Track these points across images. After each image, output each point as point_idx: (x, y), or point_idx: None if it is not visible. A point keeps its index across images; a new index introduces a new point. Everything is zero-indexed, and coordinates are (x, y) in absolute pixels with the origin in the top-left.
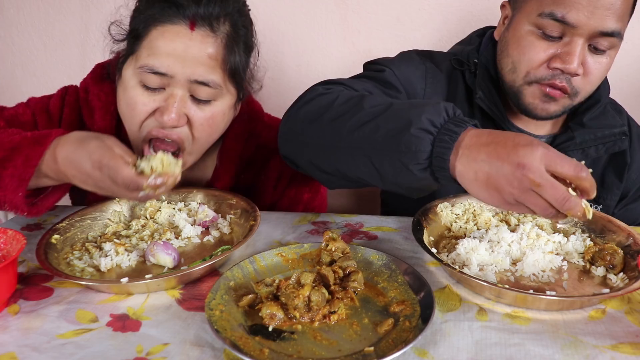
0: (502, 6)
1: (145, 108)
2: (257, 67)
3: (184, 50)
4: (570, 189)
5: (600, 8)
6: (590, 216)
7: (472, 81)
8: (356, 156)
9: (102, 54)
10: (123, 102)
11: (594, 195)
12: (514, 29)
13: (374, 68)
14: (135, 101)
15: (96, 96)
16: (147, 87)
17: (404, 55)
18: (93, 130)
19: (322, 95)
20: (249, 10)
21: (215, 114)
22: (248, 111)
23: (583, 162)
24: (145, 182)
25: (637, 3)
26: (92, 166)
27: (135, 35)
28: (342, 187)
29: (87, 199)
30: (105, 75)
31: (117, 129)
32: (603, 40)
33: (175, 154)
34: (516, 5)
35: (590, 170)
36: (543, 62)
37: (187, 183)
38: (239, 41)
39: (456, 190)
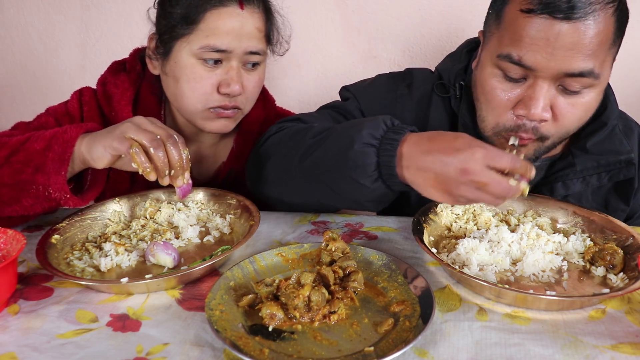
0: (479, 35)
1: (209, 81)
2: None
3: (240, 27)
4: (511, 179)
5: (561, 48)
6: (526, 194)
7: (457, 106)
8: (311, 183)
9: (102, 53)
10: (184, 80)
11: (532, 174)
12: (480, 68)
13: (342, 95)
14: (199, 76)
15: (113, 85)
16: (207, 64)
17: (376, 81)
18: (111, 117)
19: (275, 135)
20: None
21: (261, 77)
22: (263, 99)
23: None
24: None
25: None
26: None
27: (188, 20)
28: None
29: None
30: (122, 69)
31: (134, 114)
32: (572, 81)
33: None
34: (484, 39)
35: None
36: (508, 107)
37: (205, 163)
38: (271, 11)
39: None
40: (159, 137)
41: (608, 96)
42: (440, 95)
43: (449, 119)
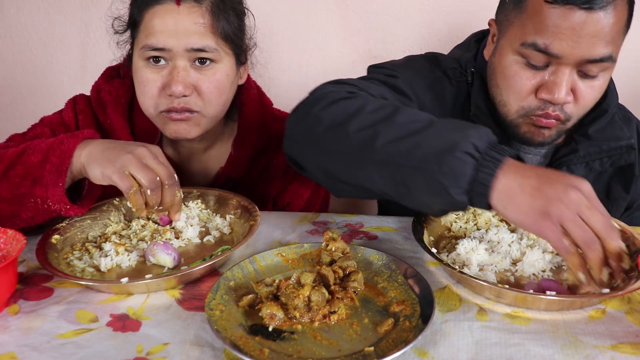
0: (490, 24)
1: (155, 84)
2: (254, 33)
3: (174, 24)
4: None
5: (585, 36)
6: (605, 279)
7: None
8: (385, 171)
9: (102, 53)
10: (136, 85)
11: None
12: (500, 56)
13: (384, 72)
14: (145, 79)
15: (107, 92)
16: (151, 65)
17: (413, 62)
18: (106, 125)
19: (347, 100)
20: None
21: (219, 77)
22: (260, 103)
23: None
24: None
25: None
26: (125, 148)
27: (133, 23)
28: (352, 197)
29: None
30: (116, 75)
31: (130, 122)
32: (592, 67)
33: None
34: (501, 28)
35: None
36: (530, 92)
37: (202, 169)
38: (227, 7)
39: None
40: (158, 178)
41: (608, 85)
42: (457, 80)
43: (465, 105)
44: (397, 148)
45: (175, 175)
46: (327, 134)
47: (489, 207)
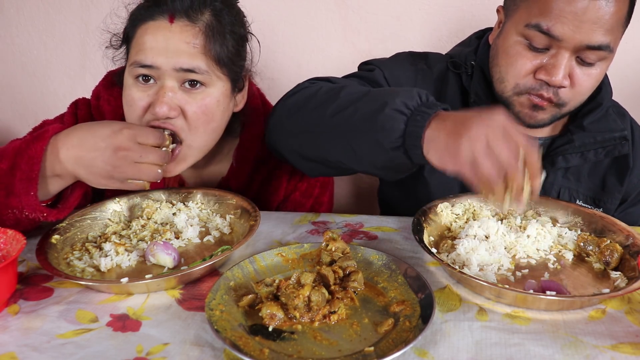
0: (498, 11)
1: (141, 103)
2: (254, 58)
3: (165, 41)
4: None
5: (587, 22)
6: (525, 198)
7: (468, 83)
8: (335, 139)
9: (102, 53)
10: (124, 104)
11: (538, 179)
12: (504, 38)
13: (366, 68)
14: (132, 98)
15: (106, 101)
16: (140, 83)
17: (397, 57)
18: None
19: (307, 88)
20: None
21: (209, 103)
22: (264, 113)
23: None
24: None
25: (638, 4)
26: (109, 136)
27: (126, 39)
28: (323, 175)
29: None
30: (116, 81)
31: None
32: (590, 54)
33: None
34: (508, 13)
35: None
36: (529, 72)
37: (202, 180)
38: (223, 30)
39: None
40: (159, 170)
41: (603, 80)
42: (454, 71)
43: (461, 96)
44: (342, 116)
45: (164, 137)
46: (291, 117)
47: (424, 158)
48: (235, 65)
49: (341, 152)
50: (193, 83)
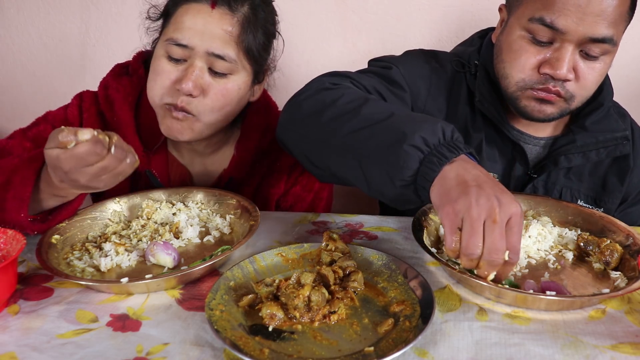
0: (500, 10)
1: (169, 76)
2: (279, 56)
3: (204, 25)
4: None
5: (590, 14)
6: (490, 278)
7: (472, 83)
8: (347, 158)
9: (102, 53)
10: (151, 72)
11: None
12: (507, 33)
13: (380, 65)
14: (161, 69)
15: (115, 89)
16: (171, 58)
17: (410, 54)
18: (113, 122)
19: (328, 91)
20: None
21: (230, 88)
22: (265, 105)
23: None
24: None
25: (638, 5)
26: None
27: (166, 14)
28: (332, 183)
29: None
30: (124, 73)
31: (136, 120)
32: (594, 47)
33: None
34: (511, 9)
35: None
36: (534, 67)
37: (205, 172)
38: (257, 24)
39: None
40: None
41: (604, 80)
42: (460, 71)
43: (468, 96)
44: (357, 137)
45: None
46: (305, 121)
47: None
48: (261, 58)
49: (350, 173)
50: (219, 73)
